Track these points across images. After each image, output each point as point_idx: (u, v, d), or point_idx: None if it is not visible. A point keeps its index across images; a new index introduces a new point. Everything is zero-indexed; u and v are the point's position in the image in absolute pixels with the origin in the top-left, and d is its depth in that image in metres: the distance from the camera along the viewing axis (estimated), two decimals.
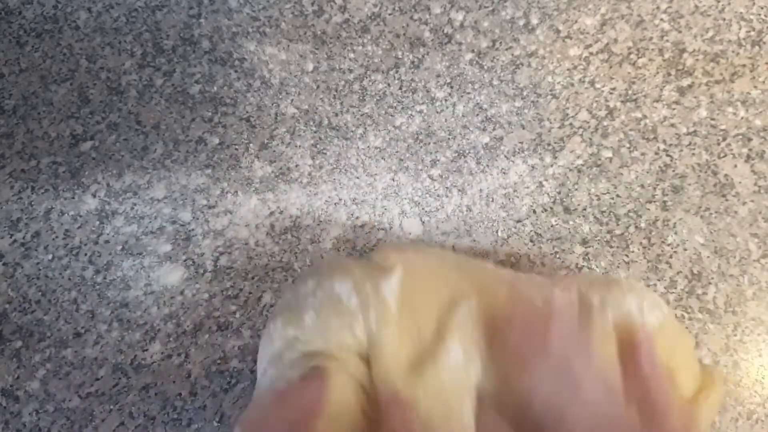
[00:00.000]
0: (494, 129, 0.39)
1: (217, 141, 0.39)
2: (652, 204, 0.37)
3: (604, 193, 0.38)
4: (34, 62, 0.41)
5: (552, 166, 0.39)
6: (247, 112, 0.40)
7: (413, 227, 0.38)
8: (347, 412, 0.26)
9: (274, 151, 0.39)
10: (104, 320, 0.36)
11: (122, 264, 0.37)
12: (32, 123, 0.40)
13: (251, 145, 0.39)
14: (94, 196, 0.39)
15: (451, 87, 0.40)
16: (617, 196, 0.38)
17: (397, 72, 0.40)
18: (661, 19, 0.41)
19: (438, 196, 0.38)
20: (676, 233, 0.37)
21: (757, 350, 0.35)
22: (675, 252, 0.36)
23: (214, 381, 0.35)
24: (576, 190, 0.38)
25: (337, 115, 0.40)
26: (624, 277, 0.36)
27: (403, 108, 0.40)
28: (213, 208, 0.38)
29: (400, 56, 0.41)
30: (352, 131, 0.40)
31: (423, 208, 0.38)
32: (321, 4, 0.42)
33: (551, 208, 0.38)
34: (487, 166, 0.39)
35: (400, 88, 0.40)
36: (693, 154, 0.38)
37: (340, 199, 0.38)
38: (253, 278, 0.37)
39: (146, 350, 0.35)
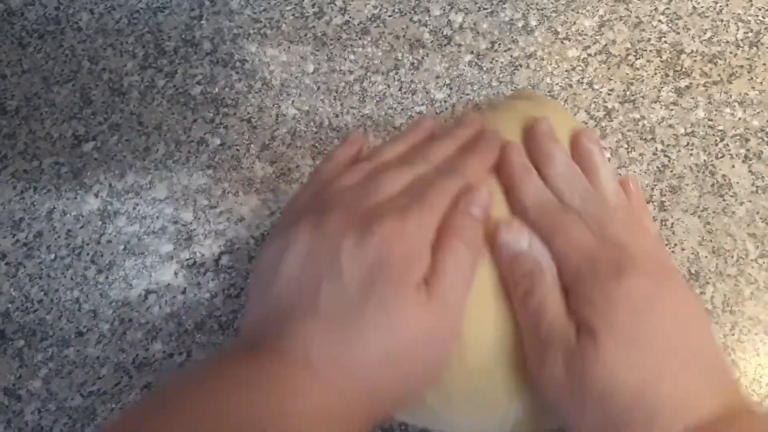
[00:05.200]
0: None
1: (218, 142, 0.40)
2: (650, 204, 0.38)
3: None
4: (36, 63, 0.42)
5: None
6: (248, 113, 0.40)
7: None
8: None
9: (275, 151, 0.39)
10: (106, 319, 0.36)
11: (124, 264, 0.37)
12: (35, 124, 0.40)
13: (252, 145, 0.40)
14: (96, 196, 0.39)
15: (451, 88, 0.40)
16: None
17: (396, 73, 0.41)
18: (659, 21, 0.41)
19: None
20: (674, 233, 0.37)
21: (755, 349, 0.35)
22: (673, 252, 0.37)
23: None
24: None
25: (337, 116, 0.40)
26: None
27: (402, 109, 0.40)
28: (214, 208, 0.38)
29: (400, 58, 0.41)
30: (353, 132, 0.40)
31: None
32: (321, 5, 0.42)
33: None
34: None
35: (400, 90, 0.40)
36: (691, 154, 0.39)
37: None
38: None
39: (148, 349, 0.36)
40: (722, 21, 0.41)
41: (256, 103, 0.40)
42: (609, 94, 0.40)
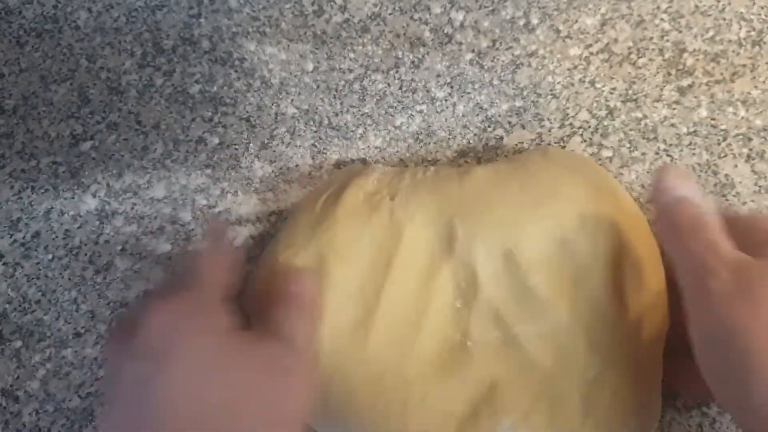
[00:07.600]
0: (495, 129, 0.39)
1: (217, 141, 0.39)
2: (653, 204, 0.37)
3: None
4: (34, 62, 0.41)
5: None
6: (247, 111, 0.40)
7: None
8: None
9: (274, 151, 0.39)
10: (104, 320, 0.36)
11: (122, 264, 0.37)
12: (32, 123, 0.40)
13: (251, 144, 0.39)
14: (94, 196, 0.39)
15: (452, 87, 0.40)
16: None
17: (397, 72, 0.40)
18: (662, 19, 0.41)
19: None
20: None
21: None
22: None
23: None
24: None
25: (337, 115, 0.40)
26: None
27: (403, 108, 0.40)
28: (213, 208, 0.38)
29: (401, 56, 0.41)
30: (352, 131, 0.40)
31: None
32: (321, 3, 0.42)
33: None
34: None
35: (401, 88, 0.40)
36: (693, 154, 0.38)
37: None
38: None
39: None
40: (725, 19, 0.41)
41: (255, 101, 0.40)
42: (611, 93, 0.40)
